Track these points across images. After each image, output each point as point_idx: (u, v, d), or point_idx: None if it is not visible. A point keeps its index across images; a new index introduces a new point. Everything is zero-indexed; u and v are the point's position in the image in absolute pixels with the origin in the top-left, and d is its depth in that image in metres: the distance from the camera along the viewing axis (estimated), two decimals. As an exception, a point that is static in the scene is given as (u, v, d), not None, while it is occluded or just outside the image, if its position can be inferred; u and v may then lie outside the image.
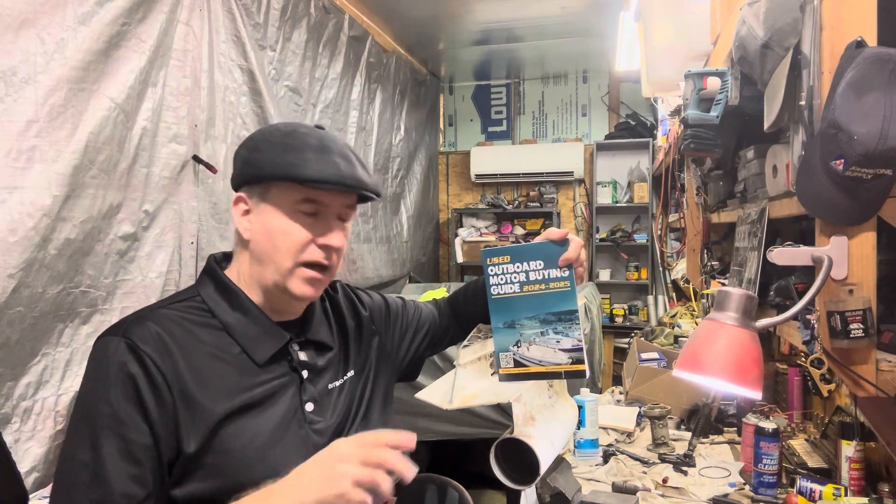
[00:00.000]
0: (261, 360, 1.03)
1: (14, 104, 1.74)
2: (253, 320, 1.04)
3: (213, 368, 0.99)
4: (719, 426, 2.19)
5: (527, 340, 1.15)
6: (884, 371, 1.03)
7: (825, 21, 1.04)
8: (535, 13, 4.11)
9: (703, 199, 2.18)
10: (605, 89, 5.68)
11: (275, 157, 1.01)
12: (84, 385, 0.97)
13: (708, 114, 1.54)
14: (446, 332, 1.41)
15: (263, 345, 1.04)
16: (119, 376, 0.94)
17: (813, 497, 1.54)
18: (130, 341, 0.95)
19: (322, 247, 1.03)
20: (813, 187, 1.05)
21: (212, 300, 1.04)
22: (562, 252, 1.13)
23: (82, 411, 0.95)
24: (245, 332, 1.03)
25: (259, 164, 1.02)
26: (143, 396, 0.93)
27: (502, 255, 1.16)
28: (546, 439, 1.17)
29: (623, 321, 5.31)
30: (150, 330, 0.97)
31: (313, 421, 1.05)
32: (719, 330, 1.08)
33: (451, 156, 5.99)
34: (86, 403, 0.95)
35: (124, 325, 0.99)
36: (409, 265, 5.02)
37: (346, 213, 1.09)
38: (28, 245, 1.77)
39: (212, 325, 1.02)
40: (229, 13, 2.65)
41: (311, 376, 1.08)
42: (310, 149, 1.01)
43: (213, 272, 1.07)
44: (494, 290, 1.17)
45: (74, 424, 0.96)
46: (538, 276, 1.14)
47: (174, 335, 0.98)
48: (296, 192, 1.01)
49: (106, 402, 0.93)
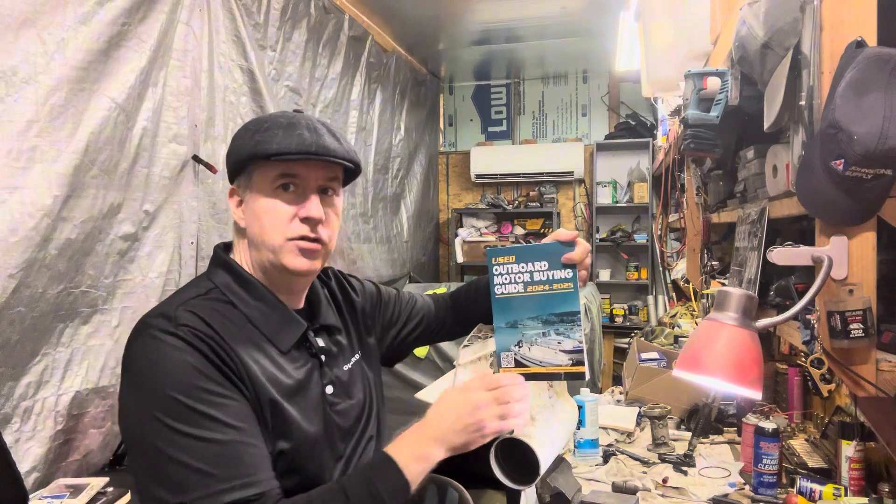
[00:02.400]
0: (286, 348, 1.04)
1: (14, 104, 1.74)
2: (273, 310, 1.05)
3: (253, 356, 0.99)
4: (719, 426, 2.19)
5: (528, 341, 1.15)
6: (884, 371, 1.03)
7: (825, 21, 1.04)
8: (535, 13, 4.11)
9: (703, 199, 2.18)
10: (605, 89, 5.68)
11: (246, 142, 1.03)
12: (151, 384, 0.91)
13: (708, 114, 1.54)
14: (442, 324, 1.42)
15: (286, 333, 1.05)
16: (196, 359, 0.92)
17: (813, 497, 1.54)
18: (188, 327, 0.93)
19: (304, 220, 1.03)
20: (813, 187, 1.05)
21: (230, 291, 1.04)
22: (567, 253, 1.13)
23: (166, 411, 0.89)
24: (268, 322, 1.04)
25: (234, 152, 1.05)
26: (225, 372, 0.94)
27: (508, 255, 1.17)
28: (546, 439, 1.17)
29: (623, 321, 5.31)
30: (196, 318, 0.96)
31: (333, 403, 1.09)
32: (719, 330, 1.08)
33: (451, 156, 5.99)
34: (168, 401, 0.89)
35: (169, 317, 0.95)
36: (409, 265, 5.02)
37: (330, 186, 1.08)
38: (28, 245, 1.77)
39: (236, 316, 1.02)
40: (229, 13, 2.65)
41: (328, 360, 1.11)
42: (278, 127, 1.02)
43: (227, 263, 1.07)
44: (498, 290, 1.17)
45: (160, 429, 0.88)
46: (542, 277, 1.14)
47: (216, 323, 0.97)
48: (270, 170, 1.03)
49: (195, 387, 0.90)
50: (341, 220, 1.15)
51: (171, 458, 0.87)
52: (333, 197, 1.09)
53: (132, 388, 0.93)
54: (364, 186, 4.13)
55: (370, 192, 4.24)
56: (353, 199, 3.93)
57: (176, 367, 0.90)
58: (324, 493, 0.94)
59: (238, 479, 0.88)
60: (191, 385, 0.90)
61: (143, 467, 0.91)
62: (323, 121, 1.08)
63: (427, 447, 0.98)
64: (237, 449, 0.90)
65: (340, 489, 0.93)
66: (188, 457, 0.87)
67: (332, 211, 1.08)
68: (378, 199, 4.40)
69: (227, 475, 0.88)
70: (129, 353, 0.95)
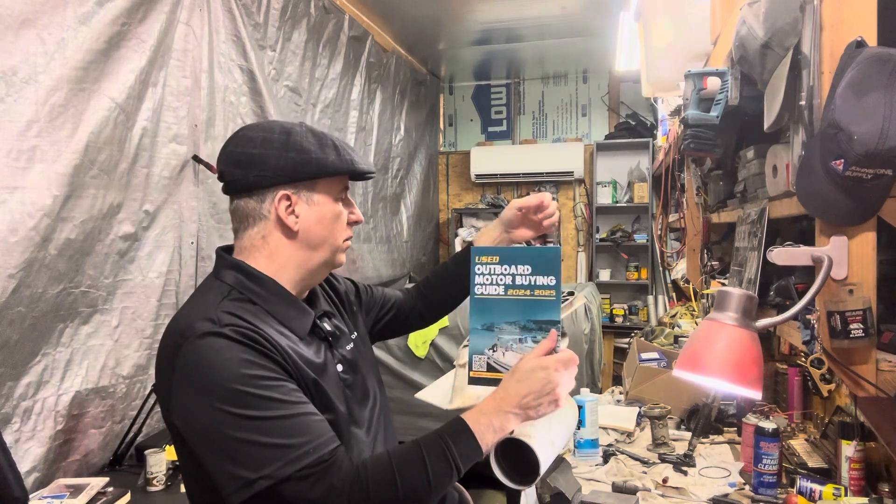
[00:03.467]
0: (303, 334, 1.13)
1: (15, 104, 1.74)
2: (287, 302, 1.13)
3: (287, 344, 1.07)
4: (719, 426, 2.19)
5: (503, 345, 1.14)
6: (884, 371, 1.03)
7: (825, 21, 1.04)
8: (535, 13, 4.11)
9: (703, 199, 2.18)
10: (605, 89, 5.68)
11: (328, 156, 1.13)
12: (211, 382, 0.97)
13: (708, 114, 1.54)
14: (411, 310, 1.53)
15: (302, 321, 1.14)
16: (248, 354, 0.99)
17: (813, 497, 1.54)
18: (233, 326, 1.01)
19: (352, 224, 1.22)
20: (813, 187, 1.05)
21: (246, 289, 1.10)
22: (552, 260, 1.13)
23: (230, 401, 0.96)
24: (286, 314, 1.12)
25: (319, 163, 1.13)
26: (275, 359, 1.02)
27: (492, 254, 1.16)
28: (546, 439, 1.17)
29: (623, 321, 5.31)
30: (235, 317, 1.03)
31: (345, 379, 1.18)
32: (719, 330, 1.08)
33: (451, 156, 5.99)
34: (230, 393, 0.96)
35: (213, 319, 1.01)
36: (409, 265, 5.02)
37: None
38: (28, 245, 1.77)
39: (259, 311, 1.09)
40: (229, 13, 2.65)
41: (334, 341, 1.20)
42: (328, 146, 1.14)
43: (237, 265, 1.13)
44: (478, 290, 1.16)
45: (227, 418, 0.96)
46: (524, 282, 1.13)
47: (251, 318, 1.05)
48: (340, 182, 1.18)
49: (251, 377, 0.97)
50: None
51: (243, 440, 0.95)
52: None
53: (192, 388, 0.99)
54: (364, 186, 4.13)
55: (370, 192, 4.24)
56: (352, 199, 3.93)
57: (230, 363, 0.98)
58: (403, 454, 1.01)
59: (309, 444, 0.97)
60: (246, 375, 0.97)
61: (219, 456, 0.97)
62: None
63: (505, 420, 1.05)
64: (301, 420, 0.99)
65: (418, 451, 1.01)
66: (259, 435, 0.96)
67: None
68: (378, 199, 4.40)
69: (298, 443, 0.96)
70: (183, 358, 1.00)
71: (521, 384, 1.06)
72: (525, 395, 1.05)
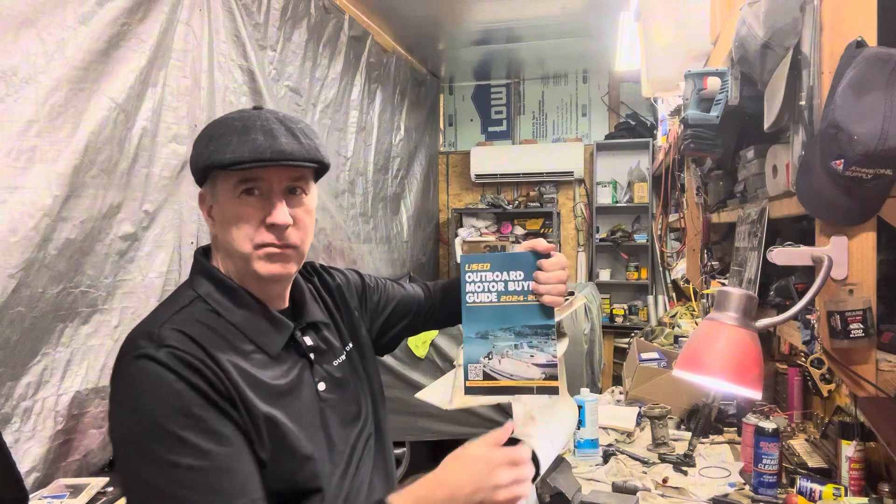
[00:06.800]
0: (274, 352, 1.03)
1: (14, 104, 1.74)
2: (258, 315, 1.04)
3: (241, 367, 0.97)
4: (719, 426, 2.20)
5: (499, 353, 1.12)
6: (884, 371, 1.03)
7: (825, 21, 1.04)
8: (535, 13, 4.11)
9: (703, 199, 2.18)
10: (605, 89, 5.68)
11: (202, 150, 1.00)
12: (135, 411, 0.90)
13: (708, 114, 1.54)
14: (431, 314, 1.39)
15: (274, 337, 1.04)
16: (179, 385, 0.90)
17: (813, 497, 1.54)
18: (173, 349, 0.91)
19: (270, 227, 1.00)
20: (813, 187, 1.05)
21: (214, 300, 1.02)
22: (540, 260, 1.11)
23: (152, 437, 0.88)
24: (255, 328, 1.02)
25: (193, 161, 1.03)
26: (213, 398, 0.91)
27: (482, 262, 1.14)
28: (546, 439, 1.17)
29: (623, 321, 5.31)
30: (182, 336, 0.94)
31: (327, 399, 1.07)
32: (719, 330, 1.08)
33: (451, 156, 5.99)
34: (152, 428, 0.88)
35: (153, 338, 0.93)
36: (409, 265, 5.02)
37: (297, 185, 1.04)
38: (28, 245, 1.77)
39: (221, 325, 1.01)
40: (229, 13, 2.65)
41: (317, 357, 1.09)
42: (232, 132, 0.98)
43: (208, 271, 1.05)
44: (470, 298, 1.14)
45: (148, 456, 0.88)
46: (517, 287, 1.11)
47: (201, 338, 0.95)
48: (231, 178, 0.99)
49: (182, 414, 0.89)
50: (340, 219, 1.14)
51: (156, 486, 0.88)
52: (302, 196, 1.05)
53: (119, 410, 0.93)
54: (364, 186, 4.13)
55: (370, 192, 4.24)
56: (353, 198, 3.93)
57: (158, 394, 0.89)
58: None
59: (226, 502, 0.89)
60: (176, 410, 0.89)
61: (133, 492, 0.92)
62: (284, 116, 1.03)
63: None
64: (223, 473, 0.90)
65: None
66: (168, 483, 0.88)
67: (301, 211, 1.04)
68: (378, 199, 4.40)
69: (210, 501, 0.88)
70: (115, 375, 0.94)
71: (458, 475, 0.95)
72: (460, 488, 0.93)
